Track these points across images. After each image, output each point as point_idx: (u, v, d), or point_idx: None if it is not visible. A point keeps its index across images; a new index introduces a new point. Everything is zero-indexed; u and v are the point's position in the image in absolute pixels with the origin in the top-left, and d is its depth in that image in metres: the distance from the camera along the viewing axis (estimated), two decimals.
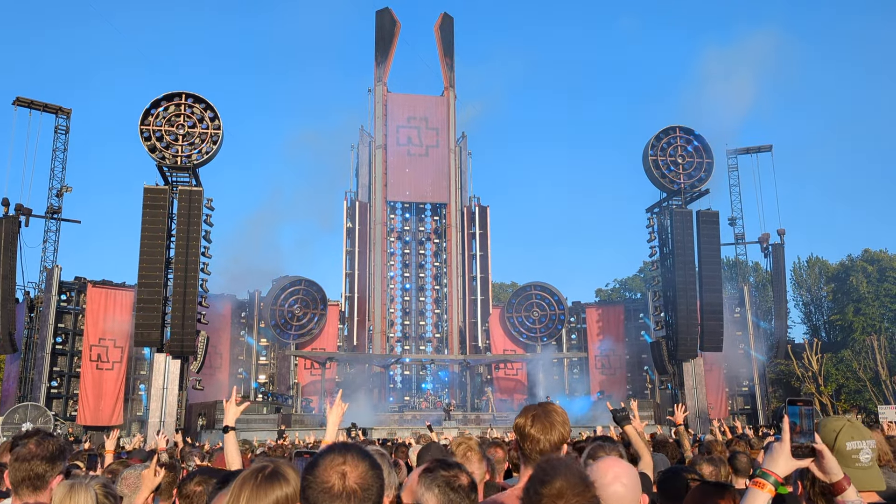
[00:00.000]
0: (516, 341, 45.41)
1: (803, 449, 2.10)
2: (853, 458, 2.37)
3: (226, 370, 40.85)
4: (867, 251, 54.59)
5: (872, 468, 2.39)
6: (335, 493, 1.84)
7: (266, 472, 1.95)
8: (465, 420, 35.63)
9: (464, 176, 47.77)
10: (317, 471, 1.89)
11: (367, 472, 1.90)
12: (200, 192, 32.09)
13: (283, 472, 1.97)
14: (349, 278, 44.30)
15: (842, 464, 2.34)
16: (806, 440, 2.10)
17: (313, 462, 1.94)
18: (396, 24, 47.84)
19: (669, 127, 37.25)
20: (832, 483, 2.14)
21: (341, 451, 1.93)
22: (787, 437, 2.10)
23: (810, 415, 2.13)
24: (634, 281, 68.10)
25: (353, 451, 1.93)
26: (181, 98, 32.59)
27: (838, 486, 2.13)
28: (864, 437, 2.40)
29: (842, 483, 2.13)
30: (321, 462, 1.91)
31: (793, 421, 2.12)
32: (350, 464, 1.89)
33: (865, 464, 2.38)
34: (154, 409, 30.61)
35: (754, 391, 41.46)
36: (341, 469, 1.88)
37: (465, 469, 2.55)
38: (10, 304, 32.55)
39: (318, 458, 1.93)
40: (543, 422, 2.77)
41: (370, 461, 1.93)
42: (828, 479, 2.14)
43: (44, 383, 34.81)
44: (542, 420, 2.77)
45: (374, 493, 1.89)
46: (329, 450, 1.95)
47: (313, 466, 1.92)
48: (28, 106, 38.33)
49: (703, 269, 35.20)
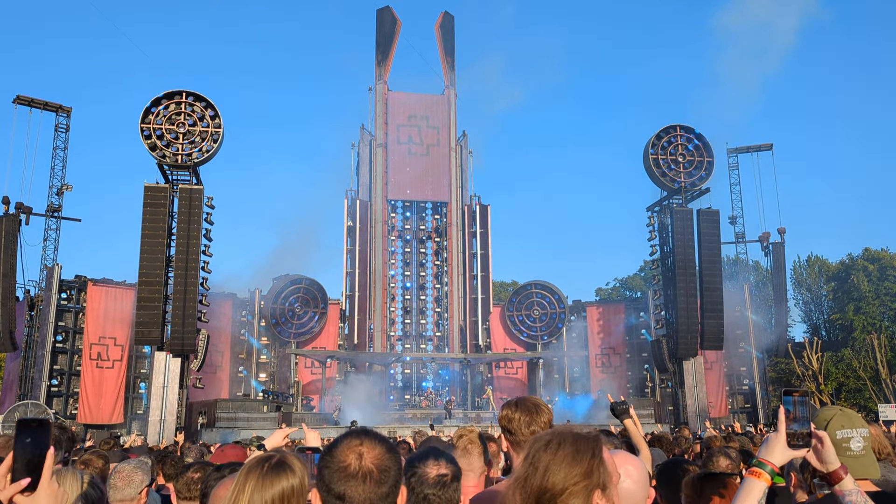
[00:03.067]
0: (517, 340, 45.43)
1: (799, 437, 2.11)
2: (843, 447, 2.39)
3: (226, 368, 40.89)
4: (868, 250, 54.59)
5: (865, 456, 2.40)
6: (351, 473, 1.84)
7: (272, 463, 1.92)
8: (466, 418, 35.68)
9: (464, 174, 47.77)
10: (334, 451, 1.90)
11: (384, 454, 1.90)
12: (201, 190, 32.10)
13: (290, 462, 1.94)
14: (350, 277, 44.31)
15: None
16: (801, 427, 2.11)
17: (331, 445, 1.95)
18: (397, 23, 47.82)
19: (670, 126, 37.25)
20: (829, 472, 2.15)
21: (359, 434, 1.94)
22: (783, 426, 2.12)
23: (804, 402, 2.14)
24: (635, 280, 68.14)
25: (371, 435, 1.94)
26: (181, 96, 32.59)
27: (835, 476, 2.15)
28: (854, 425, 2.41)
29: (838, 472, 2.14)
30: (339, 444, 1.91)
31: (787, 409, 2.14)
32: (367, 445, 1.89)
33: (857, 452, 2.39)
34: (154, 408, 30.61)
35: (754, 390, 41.48)
36: (358, 450, 1.88)
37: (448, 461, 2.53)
38: (11, 302, 32.56)
39: (336, 441, 1.93)
40: (527, 407, 2.80)
41: (388, 445, 1.93)
42: (824, 468, 2.15)
43: (44, 382, 34.81)
44: (524, 406, 2.81)
45: (391, 476, 1.88)
46: (347, 434, 1.96)
47: (331, 448, 1.92)
48: (28, 104, 38.34)
49: (704, 267, 35.20)
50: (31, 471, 1.71)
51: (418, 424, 29.71)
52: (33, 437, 1.73)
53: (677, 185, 36.40)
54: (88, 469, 4.23)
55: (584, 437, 1.95)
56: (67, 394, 36.33)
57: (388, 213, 46.81)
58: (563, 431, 1.98)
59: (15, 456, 1.71)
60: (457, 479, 2.49)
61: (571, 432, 1.98)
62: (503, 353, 44.57)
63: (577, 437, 1.95)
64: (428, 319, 47.04)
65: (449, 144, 47.03)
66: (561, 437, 1.95)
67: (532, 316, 45.10)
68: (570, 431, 1.98)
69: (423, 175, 46.49)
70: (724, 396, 40.60)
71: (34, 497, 1.70)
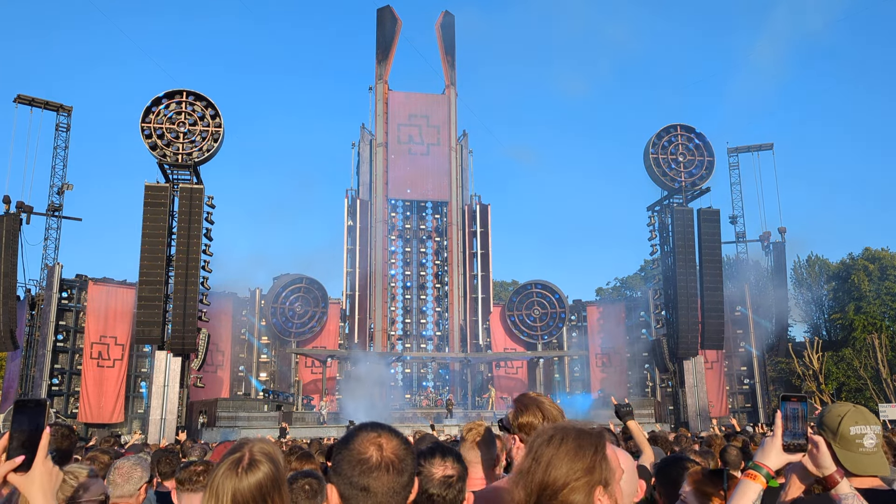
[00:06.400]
0: (517, 339, 45.45)
1: (794, 446, 2.16)
2: (857, 443, 2.38)
3: (227, 368, 40.91)
4: (868, 249, 54.54)
5: (877, 453, 2.40)
6: (373, 465, 1.85)
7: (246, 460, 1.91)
8: (467, 417, 35.66)
9: (465, 174, 47.76)
10: (352, 444, 1.90)
11: (401, 445, 1.92)
12: (201, 189, 32.11)
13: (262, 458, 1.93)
14: (350, 276, 44.30)
15: (846, 448, 2.36)
16: (795, 439, 2.16)
17: (346, 438, 1.95)
18: (398, 22, 47.81)
19: (670, 125, 37.25)
20: (824, 476, 2.18)
21: (374, 427, 1.95)
22: (780, 432, 2.16)
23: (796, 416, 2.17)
24: (635, 279, 68.11)
25: (386, 427, 1.96)
26: (182, 96, 32.60)
27: (831, 480, 2.17)
28: (868, 422, 2.41)
29: (834, 476, 2.17)
30: (356, 436, 1.92)
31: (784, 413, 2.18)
32: (385, 437, 1.91)
33: (870, 448, 2.39)
34: (155, 407, 30.63)
35: (755, 389, 41.49)
36: (377, 441, 1.89)
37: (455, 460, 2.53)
38: (12, 301, 32.57)
39: (352, 435, 1.94)
40: (534, 408, 2.80)
41: (402, 437, 1.96)
42: (820, 472, 2.18)
43: (45, 381, 34.85)
44: (533, 406, 2.81)
45: (409, 466, 1.90)
46: (361, 427, 1.97)
47: (347, 441, 1.93)
48: (29, 104, 38.37)
49: (704, 267, 35.19)
50: (27, 450, 1.73)
51: (418, 423, 29.70)
52: (29, 416, 1.76)
53: (678, 185, 36.39)
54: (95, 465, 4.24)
55: (587, 433, 1.96)
56: (68, 393, 36.37)
57: (389, 212, 46.82)
58: (567, 426, 1.99)
59: (11, 435, 1.73)
60: (462, 479, 2.50)
61: (575, 427, 1.98)
62: (503, 352, 44.59)
63: (581, 433, 1.95)
64: (428, 319, 47.04)
65: (449, 144, 47.02)
66: (564, 433, 1.95)
67: (532, 315, 45.10)
68: (573, 427, 1.99)
69: (424, 174, 46.48)
70: (725, 396, 40.60)
71: (28, 475, 1.72)
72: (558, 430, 1.96)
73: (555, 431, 1.96)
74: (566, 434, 1.94)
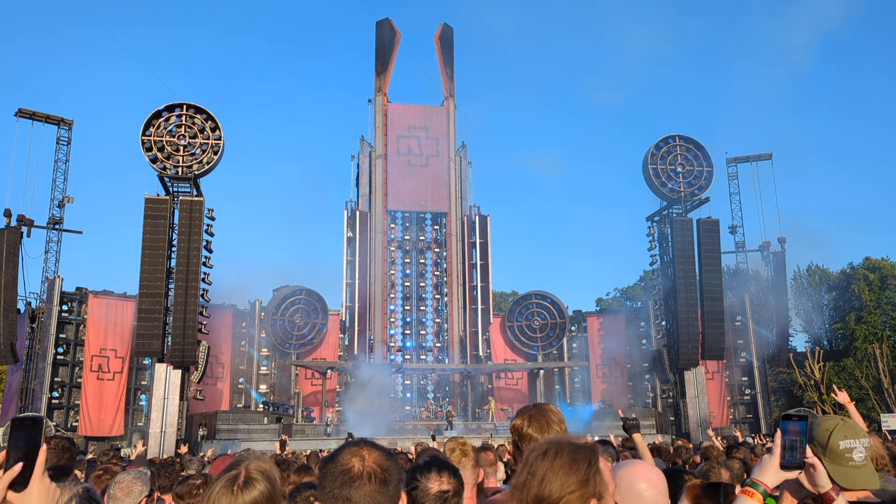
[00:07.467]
0: (517, 350, 45.35)
1: (792, 465, 2.18)
2: (846, 457, 2.40)
3: (227, 380, 40.82)
4: (868, 259, 54.51)
5: (866, 467, 2.42)
6: (355, 474, 1.86)
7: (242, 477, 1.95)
8: (467, 429, 35.55)
9: (464, 185, 47.83)
10: (336, 458, 1.93)
11: (384, 456, 1.95)
12: (201, 202, 32.18)
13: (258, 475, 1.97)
14: (350, 288, 44.28)
15: (835, 462, 2.38)
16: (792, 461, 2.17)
17: (329, 456, 1.98)
18: (396, 35, 48.05)
19: (669, 135, 37.35)
20: (821, 494, 2.19)
21: (357, 442, 1.99)
22: (778, 451, 2.18)
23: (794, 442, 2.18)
24: (635, 289, 68.04)
25: (369, 442, 1.99)
26: (182, 109, 32.74)
27: (827, 497, 2.18)
28: (857, 435, 2.43)
29: (830, 494, 2.18)
30: (339, 452, 1.96)
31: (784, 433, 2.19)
32: (367, 450, 1.94)
33: (859, 462, 2.40)
34: (155, 420, 30.54)
35: (756, 400, 41.36)
36: (360, 453, 1.92)
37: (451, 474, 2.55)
38: (12, 314, 32.55)
39: (335, 452, 1.98)
40: (540, 421, 2.81)
41: (386, 450, 1.98)
42: (816, 490, 2.19)
43: (45, 394, 34.78)
44: (539, 419, 2.81)
45: (393, 475, 1.92)
46: (344, 444, 2.01)
47: (331, 458, 1.96)
48: (30, 117, 38.51)
49: (704, 277, 35.18)
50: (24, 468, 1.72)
51: (419, 435, 29.61)
52: (26, 434, 1.75)
53: (677, 195, 36.44)
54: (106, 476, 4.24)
55: (581, 447, 1.99)
56: (68, 406, 36.29)
57: (388, 223, 46.85)
58: (561, 441, 2.02)
59: (7, 453, 1.73)
60: (458, 494, 2.52)
61: (569, 442, 2.01)
62: (503, 363, 44.48)
63: (575, 447, 1.98)
64: (428, 330, 46.97)
65: (448, 155, 47.14)
66: (558, 446, 1.98)
67: (532, 326, 45.04)
68: (567, 441, 2.02)
69: (423, 186, 46.57)
70: (726, 406, 40.48)
71: (26, 493, 1.71)
72: (552, 445, 2.00)
73: (549, 445, 1.99)
74: (560, 448, 1.97)
